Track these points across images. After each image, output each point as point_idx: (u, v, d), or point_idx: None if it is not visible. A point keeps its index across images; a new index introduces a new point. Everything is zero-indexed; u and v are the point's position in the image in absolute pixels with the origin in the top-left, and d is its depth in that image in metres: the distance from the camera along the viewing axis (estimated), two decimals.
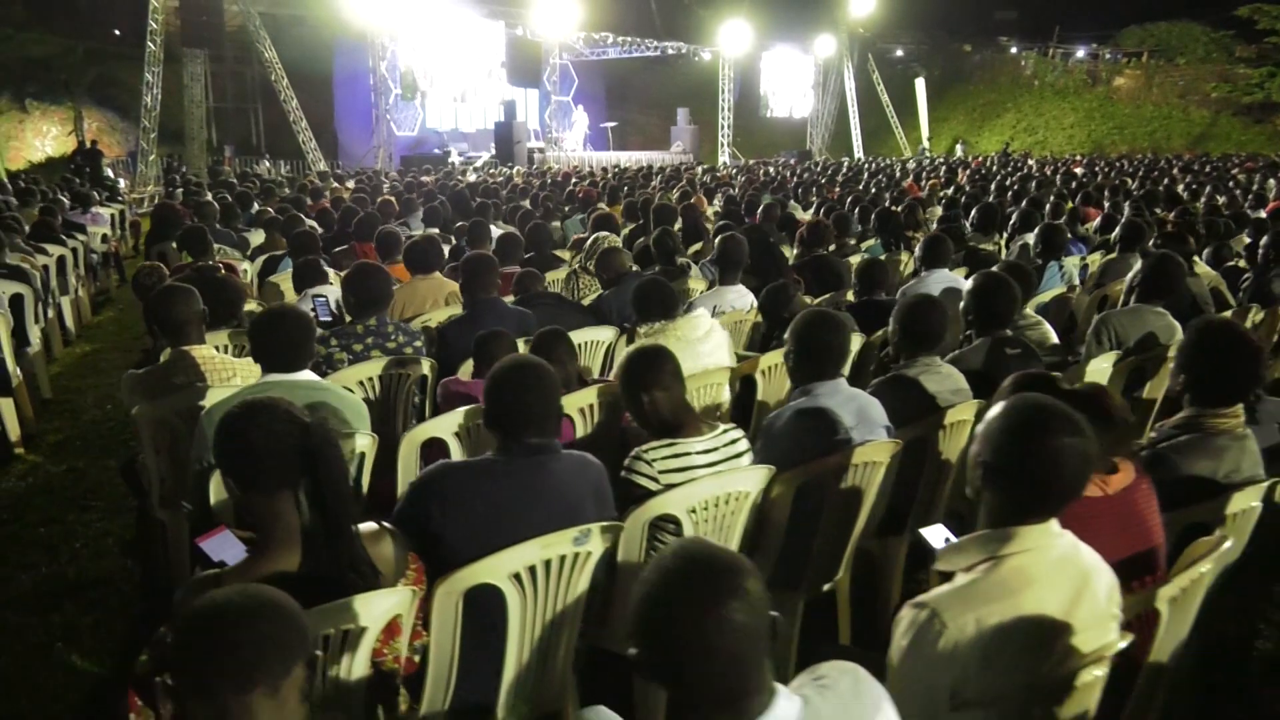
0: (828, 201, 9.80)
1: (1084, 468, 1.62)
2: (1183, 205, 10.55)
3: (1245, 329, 2.58)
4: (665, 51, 31.38)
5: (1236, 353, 2.43)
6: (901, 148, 37.70)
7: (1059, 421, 1.61)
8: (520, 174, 19.14)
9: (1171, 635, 2.05)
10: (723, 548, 1.22)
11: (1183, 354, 2.52)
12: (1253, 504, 2.41)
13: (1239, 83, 35.92)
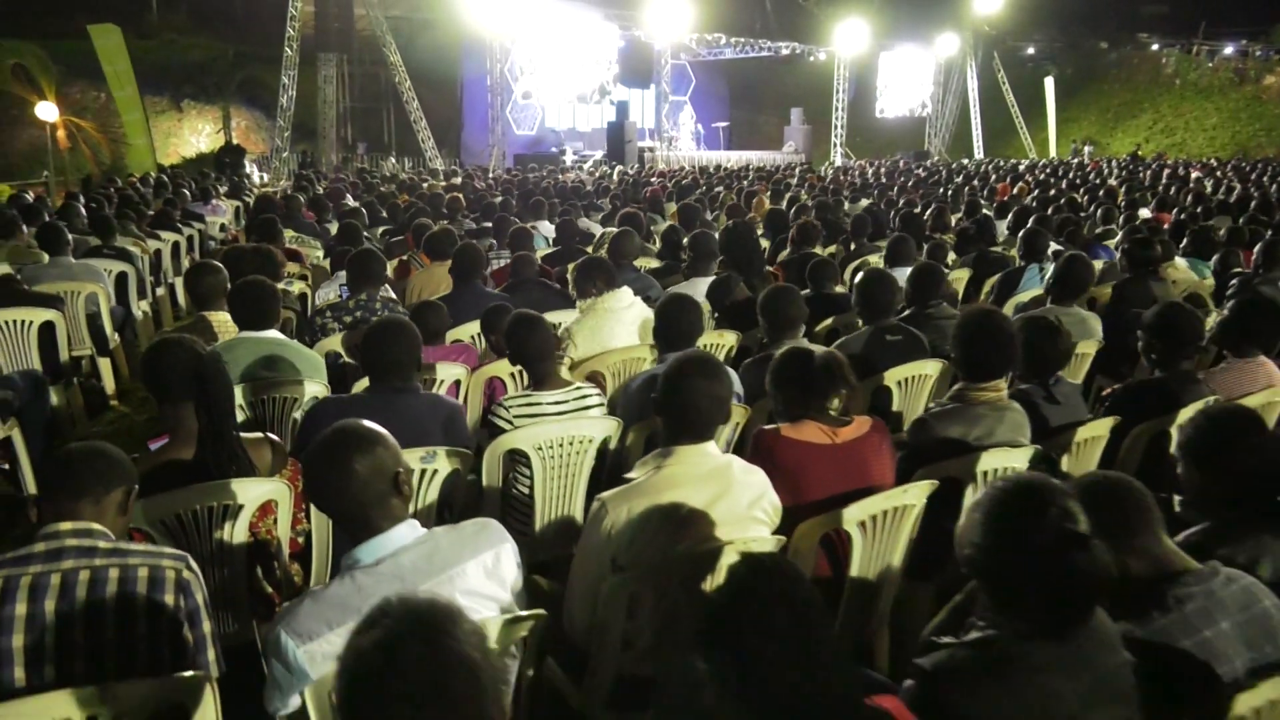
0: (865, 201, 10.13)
1: (716, 405, 2.18)
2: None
3: (1003, 317, 2.98)
4: (779, 52, 31.61)
5: (992, 338, 2.88)
6: (1026, 149, 36.66)
7: (697, 367, 2.18)
8: (618, 173, 19.92)
9: (869, 556, 2.55)
10: (364, 425, 1.85)
11: (952, 339, 2.98)
12: (1009, 464, 2.86)
13: None
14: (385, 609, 1.19)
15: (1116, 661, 1.57)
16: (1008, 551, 1.54)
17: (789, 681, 1.33)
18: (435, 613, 1.19)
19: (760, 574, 1.43)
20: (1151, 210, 11.61)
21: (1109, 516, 1.80)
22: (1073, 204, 11.72)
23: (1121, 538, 1.79)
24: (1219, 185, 17.02)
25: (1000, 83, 36.53)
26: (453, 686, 1.11)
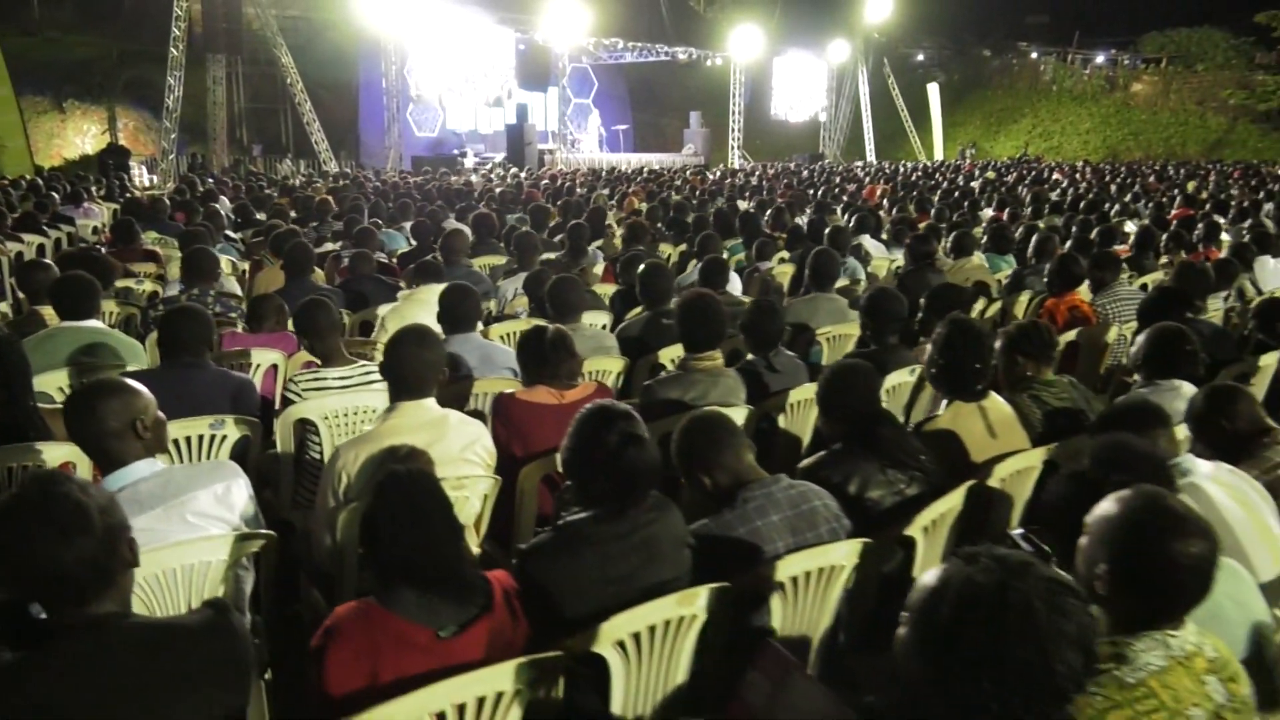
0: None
1: (428, 368, 2.68)
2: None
3: (715, 299, 3.56)
4: (676, 57, 32.35)
5: (705, 317, 3.45)
6: (916, 152, 38.25)
7: (412, 337, 2.67)
8: (511, 175, 20.29)
9: None
10: (117, 380, 2.28)
11: (677, 318, 3.54)
12: None
13: (1256, 89, 35.86)
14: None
15: (673, 535, 2.12)
16: (585, 450, 2.08)
17: (407, 546, 1.84)
18: (51, 474, 1.63)
19: (391, 479, 1.94)
20: (994, 210, 12.59)
21: (702, 439, 2.37)
22: (921, 204, 12.65)
23: (711, 456, 2.35)
24: (1074, 186, 18.34)
25: (891, 88, 38.05)
26: (61, 516, 1.54)
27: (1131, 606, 1.59)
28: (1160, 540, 1.56)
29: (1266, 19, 34.92)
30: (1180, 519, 1.57)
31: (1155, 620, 1.57)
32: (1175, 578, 1.55)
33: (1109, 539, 1.61)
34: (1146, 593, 1.58)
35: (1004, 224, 8.20)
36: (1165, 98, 38.88)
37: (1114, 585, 1.59)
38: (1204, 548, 1.55)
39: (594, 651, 1.93)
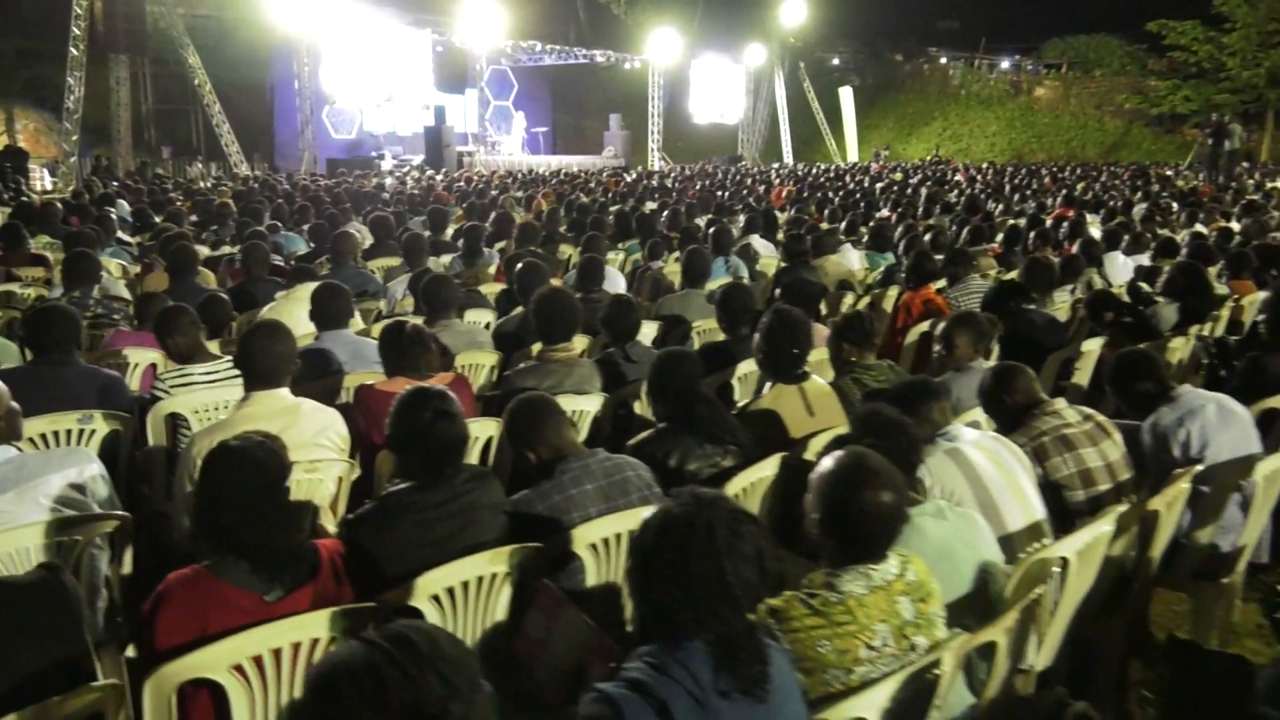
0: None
1: (279, 360, 2.87)
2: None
3: (568, 295, 3.83)
4: (594, 59, 32.63)
5: (559, 311, 3.70)
6: (832, 154, 39.17)
7: (262, 331, 2.86)
8: (426, 178, 20.29)
9: None
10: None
11: (531, 314, 3.78)
12: (582, 408, 3.68)
13: (1149, 94, 37.61)
14: None
15: (490, 503, 2.37)
16: (402, 427, 2.31)
17: (232, 516, 2.05)
18: None
19: (219, 453, 2.14)
20: (889, 211, 13.14)
21: (524, 419, 2.62)
22: (821, 205, 13.15)
23: (533, 433, 2.60)
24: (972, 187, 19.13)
25: (806, 91, 38.92)
26: None
27: (837, 546, 1.89)
28: (855, 492, 1.86)
29: (1157, 27, 36.62)
30: (873, 473, 1.88)
31: (858, 557, 1.87)
32: (866, 522, 1.85)
33: (818, 491, 1.92)
34: (845, 535, 1.88)
35: (885, 224, 8.64)
36: (1066, 102, 40.55)
37: (823, 529, 1.89)
38: (891, 498, 1.86)
39: (411, 605, 2.16)
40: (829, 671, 1.79)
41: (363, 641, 1.18)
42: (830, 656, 1.78)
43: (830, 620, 1.80)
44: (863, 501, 1.84)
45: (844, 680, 1.78)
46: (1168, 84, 36.89)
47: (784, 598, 1.84)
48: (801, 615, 1.81)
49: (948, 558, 2.21)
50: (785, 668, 1.65)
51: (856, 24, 45.57)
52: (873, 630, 1.81)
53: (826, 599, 1.82)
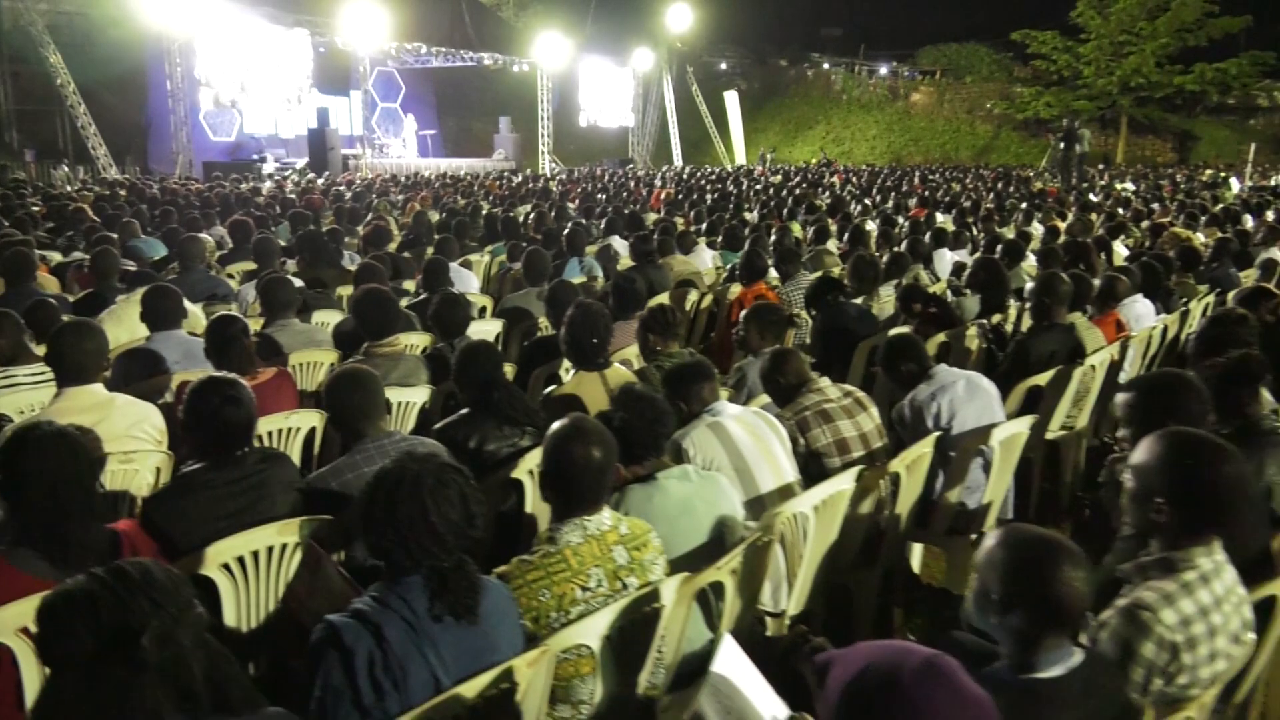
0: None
1: (89, 357, 3.03)
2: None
3: (388, 294, 4.08)
4: (481, 62, 32.57)
5: (381, 309, 3.94)
6: (721, 157, 40.05)
7: (71, 330, 3.01)
8: (306, 182, 20.02)
9: None
10: None
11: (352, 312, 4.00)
12: (409, 399, 3.91)
13: (1016, 100, 39.76)
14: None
15: (283, 480, 2.60)
16: (193, 411, 2.52)
17: (23, 507, 2.21)
18: None
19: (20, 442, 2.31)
20: (756, 211, 13.70)
21: (334, 400, 2.86)
22: (692, 207, 13.61)
23: (357, 421, 2.84)
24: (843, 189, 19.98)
25: (695, 96, 39.69)
26: None
27: (557, 498, 2.20)
28: (568, 447, 2.17)
29: (1021, 37, 38.81)
30: (584, 433, 2.20)
31: (574, 508, 2.18)
32: (577, 474, 2.17)
33: (543, 450, 2.23)
34: (561, 487, 2.19)
35: (736, 226, 9.09)
36: (940, 107, 42.48)
37: (545, 486, 2.21)
38: (600, 454, 2.17)
39: (204, 574, 2.37)
40: (551, 615, 2.09)
41: (88, 574, 1.41)
42: (550, 603, 2.09)
43: (548, 571, 2.10)
44: (574, 455, 2.15)
45: (564, 621, 2.08)
46: (1031, 90, 39.11)
47: (510, 563, 2.14)
48: (523, 573, 2.11)
49: (688, 513, 2.55)
50: (502, 600, 1.95)
51: (743, 30, 46.73)
52: (587, 574, 2.12)
53: (547, 551, 2.13)
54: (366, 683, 1.71)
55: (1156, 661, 1.86)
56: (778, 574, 2.93)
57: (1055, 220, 11.79)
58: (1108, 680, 1.72)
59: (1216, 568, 1.95)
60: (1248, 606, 2.03)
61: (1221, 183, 22.82)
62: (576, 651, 2.08)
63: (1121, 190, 20.53)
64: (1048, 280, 4.70)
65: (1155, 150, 39.56)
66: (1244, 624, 2.00)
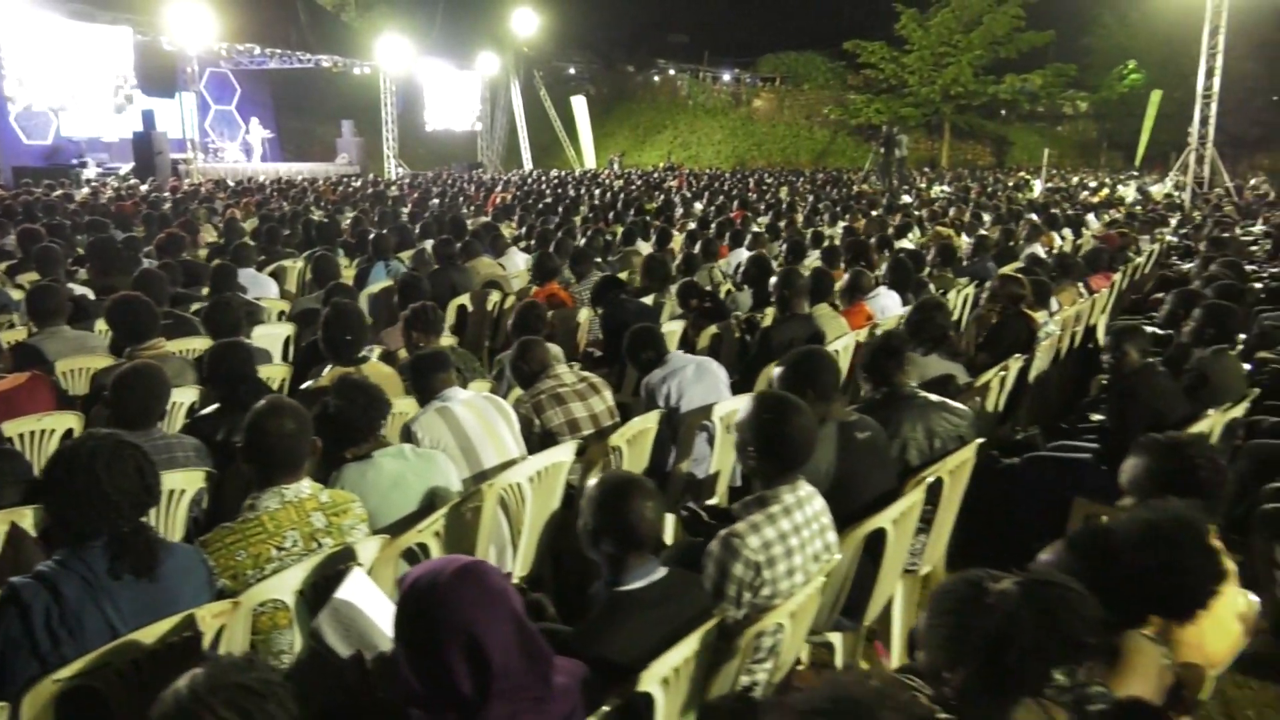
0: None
1: None
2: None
3: (145, 302, 4.25)
4: (319, 64, 31.84)
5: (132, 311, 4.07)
6: (571, 161, 40.44)
7: None
8: (126, 188, 19.19)
9: None
10: None
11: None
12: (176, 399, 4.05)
13: (849, 107, 41.84)
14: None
15: (12, 472, 2.76)
16: None
17: None
18: None
19: None
20: (590, 213, 14.14)
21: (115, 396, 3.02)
22: (526, 208, 13.90)
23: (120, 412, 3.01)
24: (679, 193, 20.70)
25: (543, 100, 39.94)
26: None
27: (258, 470, 2.49)
28: (263, 421, 2.48)
29: (852, 47, 40.86)
30: (281, 411, 2.51)
31: (272, 477, 2.47)
32: (271, 446, 2.46)
33: (243, 428, 2.51)
34: (259, 459, 2.48)
35: (547, 229, 9.45)
36: (780, 113, 44.27)
37: (245, 458, 2.49)
38: (292, 427, 2.48)
39: None
40: (248, 573, 2.36)
41: None
42: (247, 562, 2.36)
43: (244, 534, 2.38)
44: (268, 428, 2.44)
45: (259, 578, 2.35)
46: (863, 98, 41.22)
47: (213, 530, 2.41)
48: (221, 537, 2.38)
49: (399, 487, 2.87)
50: (187, 560, 2.21)
51: (591, 35, 47.25)
52: (283, 536, 2.41)
53: (246, 517, 2.41)
54: (44, 634, 1.93)
55: (744, 578, 2.30)
56: (501, 539, 3.28)
57: (857, 221, 12.72)
58: (686, 590, 2.13)
59: (799, 501, 2.41)
60: (830, 533, 2.50)
61: (1024, 185, 24.86)
62: (273, 605, 2.35)
63: (939, 192, 22.10)
64: (786, 275, 5.25)
65: (976, 154, 42.44)
66: (825, 546, 2.47)
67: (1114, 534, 1.87)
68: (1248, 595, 2.29)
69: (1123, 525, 1.89)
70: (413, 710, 1.60)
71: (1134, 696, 1.77)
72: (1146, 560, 1.79)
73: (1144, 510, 1.92)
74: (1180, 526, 1.83)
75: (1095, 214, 15.36)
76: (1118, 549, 1.82)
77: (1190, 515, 1.89)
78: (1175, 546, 1.81)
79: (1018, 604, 1.48)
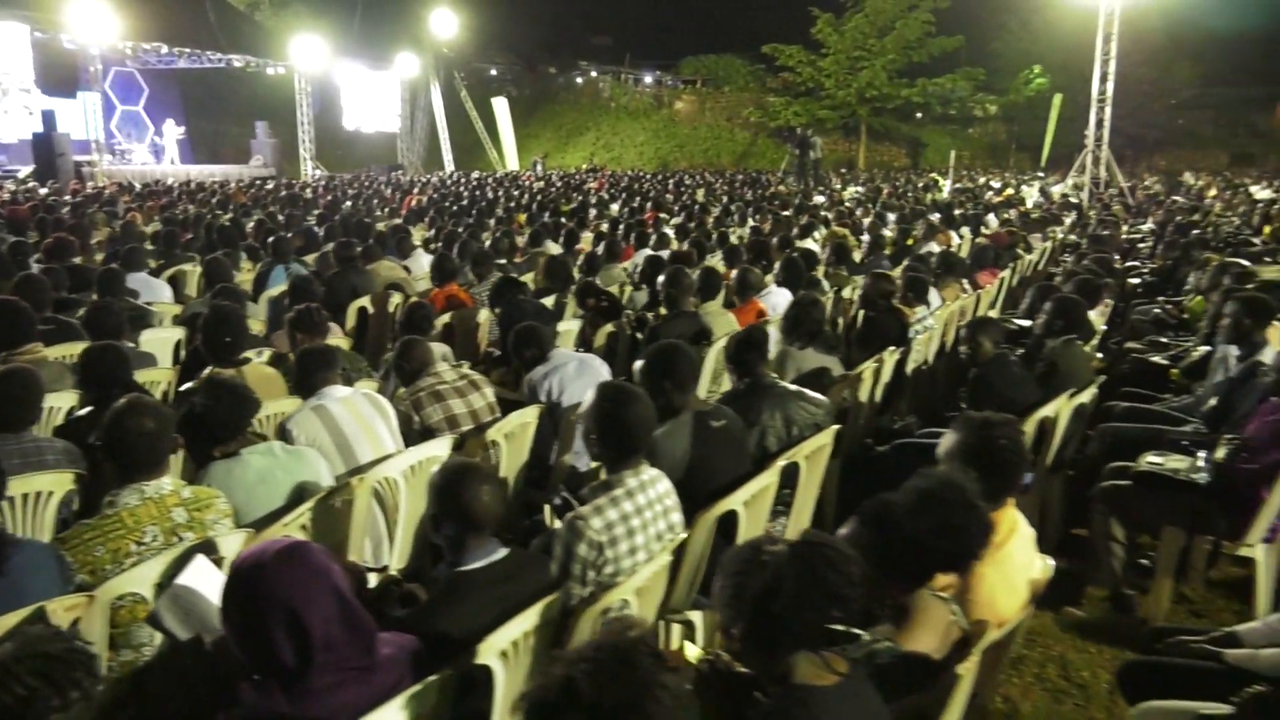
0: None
1: None
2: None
3: (9, 305, 4.24)
4: (231, 63, 31.11)
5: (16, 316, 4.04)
6: (494, 163, 40.25)
7: None
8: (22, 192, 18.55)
9: None
10: None
11: None
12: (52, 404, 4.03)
13: (769, 109, 42.56)
14: None
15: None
16: None
17: None
18: None
19: None
20: (504, 214, 14.19)
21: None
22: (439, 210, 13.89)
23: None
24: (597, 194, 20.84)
25: (464, 101, 39.68)
26: None
27: (117, 468, 2.54)
28: (121, 420, 2.53)
29: (770, 50, 41.57)
30: (136, 408, 2.55)
31: (131, 475, 2.53)
32: (131, 443, 2.52)
33: (103, 427, 2.57)
34: (118, 457, 2.54)
35: (454, 233, 9.50)
36: (702, 115, 44.79)
37: (105, 456, 2.55)
38: (152, 424, 2.55)
39: None
40: (106, 568, 2.42)
41: None
42: (105, 557, 2.42)
43: (103, 530, 2.44)
44: (127, 426, 2.50)
45: (118, 572, 2.41)
46: (782, 100, 41.99)
47: (72, 527, 2.46)
48: (79, 533, 2.45)
49: (267, 482, 2.94)
50: (37, 556, 2.26)
51: (513, 37, 47.14)
52: (143, 531, 2.47)
53: (105, 514, 2.47)
54: None
55: (588, 558, 2.44)
56: (377, 533, 3.37)
57: (764, 221, 13.04)
58: (528, 569, 2.27)
59: (642, 484, 2.57)
60: (675, 514, 2.67)
61: (933, 185, 25.65)
62: (132, 598, 2.42)
63: (852, 193, 22.67)
64: (673, 275, 5.43)
65: (892, 156, 43.53)
66: (669, 527, 2.63)
67: (893, 504, 2.06)
68: (1046, 560, 2.53)
69: (899, 495, 2.09)
70: (242, 685, 1.70)
71: (916, 651, 1.96)
72: (921, 523, 1.99)
73: (917, 480, 2.12)
74: (947, 489, 2.04)
75: (995, 214, 15.97)
76: (897, 517, 2.02)
77: (956, 479, 2.10)
78: (945, 507, 2.01)
79: (784, 561, 1.65)
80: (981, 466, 2.41)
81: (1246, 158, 39.88)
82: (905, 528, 1.99)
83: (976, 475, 2.39)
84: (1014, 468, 2.43)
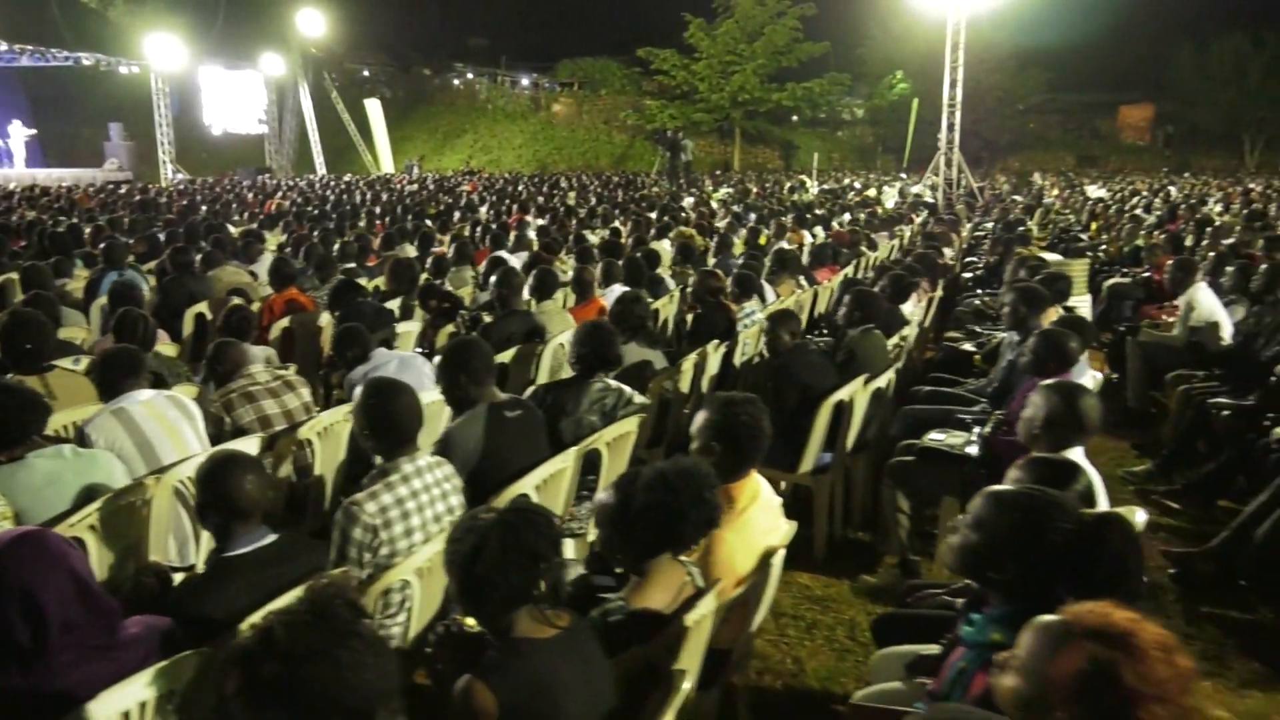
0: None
1: None
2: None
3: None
4: (80, 62, 29.60)
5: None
6: (367, 165, 39.46)
7: None
8: None
9: None
10: None
11: None
12: None
13: (645, 112, 43.12)
14: None
15: None
16: None
17: None
18: None
19: None
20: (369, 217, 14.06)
21: None
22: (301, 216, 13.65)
23: None
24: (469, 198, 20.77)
25: (336, 103, 38.78)
26: None
27: None
28: None
29: (645, 54, 42.15)
30: None
31: None
32: None
33: None
34: None
35: (304, 234, 9.44)
36: (580, 117, 45.02)
37: None
38: None
39: None
40: None
41: None
42: None
43: None
44: None
45: None
46: (658, 103, 42.62)
47: None
48: None
49: (55, 485, 2.96)
50: None
51: (387, 37, 46.39)
52: None
53: None
54: None
55: (363, 540, 2.58)
56: (183, 532, 3.41)
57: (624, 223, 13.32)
58: (298, 554, 2.39)
59: (418, 470, 2.73)
60: (454, 497, 2.84)
61: (800, 186, 26.55)
62: None
63: (723, 194, 23.25)
64: (503, 275, 5.59)
65: (765, 158, 44.74)
66: (448, 509, 2.80)
67: (636, 479, 2.27)
68: (791, 523, 2.80)
69: (644, 472, 2.29)
70: None
71: (645, 607, 2.18)
72: (649, 500, 2.20)
73: (661, 462, 2.33)
74: (681, 475, 2.25)
75: (851, 213, 16.71)
76: (633, 492, 2.22)
77: (694, 466, 2.32)
78: (673, 492, 2.22)
79: (489, 526, 1.84)
80: (726, 441, 2.65)
81: (1090, 159, 42.80)
82: (636, 503, 2.19)
83: (721, 449, 2.64)
84: (755, 442, 2.69)
